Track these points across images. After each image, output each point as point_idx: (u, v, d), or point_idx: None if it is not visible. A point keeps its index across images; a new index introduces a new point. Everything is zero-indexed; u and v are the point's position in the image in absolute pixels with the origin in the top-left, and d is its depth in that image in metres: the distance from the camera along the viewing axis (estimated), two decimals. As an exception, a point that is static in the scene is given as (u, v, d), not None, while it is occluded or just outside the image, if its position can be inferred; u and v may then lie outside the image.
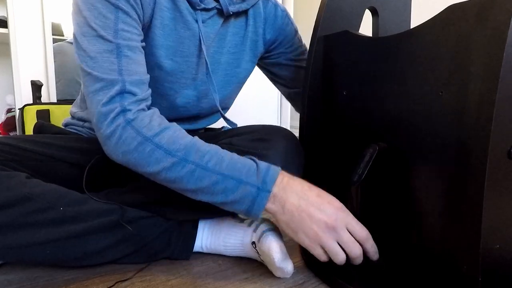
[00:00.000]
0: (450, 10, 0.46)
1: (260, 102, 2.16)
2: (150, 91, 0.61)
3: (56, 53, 1.65)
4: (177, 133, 0.56)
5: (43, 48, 1.63)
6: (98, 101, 0.56)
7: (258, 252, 0.61)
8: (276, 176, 0.54)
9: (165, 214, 0.65)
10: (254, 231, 0.63)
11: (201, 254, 0.68)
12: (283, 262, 0.57)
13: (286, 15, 0.87)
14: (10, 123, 1.71)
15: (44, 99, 1.55)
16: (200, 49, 0.72)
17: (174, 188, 0.57)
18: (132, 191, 0.66)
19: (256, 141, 0.65)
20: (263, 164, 0.55)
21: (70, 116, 0.85)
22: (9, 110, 1.80)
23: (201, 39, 0.70)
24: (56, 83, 1.62)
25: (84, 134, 0.79)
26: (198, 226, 0.67)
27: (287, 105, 2.32)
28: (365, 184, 0.56)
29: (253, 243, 0.61)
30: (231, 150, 0.60)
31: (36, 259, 0.57)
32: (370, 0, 0.71)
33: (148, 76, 0.62)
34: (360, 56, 0.59)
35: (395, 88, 0.54)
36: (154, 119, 0.57)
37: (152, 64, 0.68)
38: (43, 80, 1.58)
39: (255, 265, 0.64)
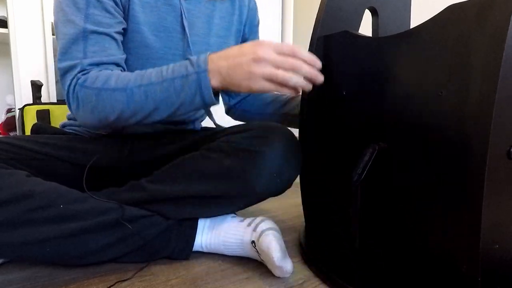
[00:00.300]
0: (450, 10, 0.46)
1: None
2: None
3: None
4: (122, 75, 0.61)
5: (43, 48, 1.64)
6: (63, 83, 0.63)
7: (257, 251, 0.61)
8: (206, 58, 0.58)
9: (165, 213, 0.65)
10: (254, 230, 0.63)
11: (201, 254, 0.68)
12: (283, 261, 0.57)
13: (257, 8, 0.90)
14: (10, 123, 1.71)
15: (44, 99, 1.55)
16: (183, 25, 0.73)
17: (143, 118, 0.60)
18: (131, 190, 0.66)
19: (253, 138, 0.64)
20: (193, 57, 0.59)
21: (66, 119, 0.84)
22: (9, 110, 1.80)
23: (183, 14, 0.72)
24: (56, 82, 1.62)
25: (82, 133, 0.79)
26: (198, 225, 0.67)
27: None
28: (365, 183, 0.56)
29: (253, 242, 0.62)
30: (228, 147, 0.62)
31: (36, 257, 0.57)
32: (370, 0, 0.71)
33: (114, 59, 0.65)
34: (359, 56, 0.59)
35: (395, 88, 0.54)
36: (101, 73, 0.61)
37: (139, 42, 0.70)
38: (43, 80, 1.58)
39: (255, 264, 0.64)
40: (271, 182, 0.63)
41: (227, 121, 0.91)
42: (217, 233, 0.66)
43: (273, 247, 0.57)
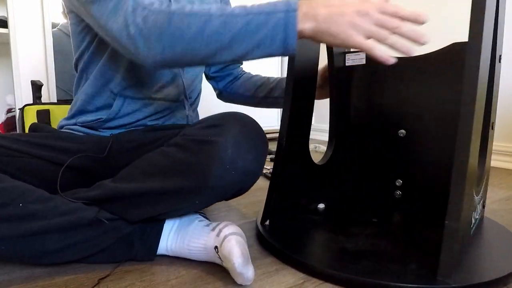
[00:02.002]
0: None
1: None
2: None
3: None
4: (196, 6, 0.57)
5: (43, 48, 1.64)
6: (116, 11, 0.58)
7: (220, 258, 0.58)
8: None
9: (125, 213, 0.63)
10: (217, 235, 0.60)
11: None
12: (244, 267, 0.54)
13: None
14: (10, 123, 1.71)
15: (44, 99, 1.55)
16: None
17: (214, 52, 0.56)
18: (95, 189, 0.65)
19: (207, 128, 0.61)
20: None
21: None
22: (9, 110, 1.80)
23: None
24: (56, 82, 1.62)
25: (76, 131, 0.79)
26: (164, 228, 0.65)
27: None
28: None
29: (216, 247, 0.59)
30: (183, 140, 0.60)
31: None
32: None
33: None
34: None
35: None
36: (165, 2, 0.57)
37: None
38: (43, 80, 1.58)
39: (255, 264, 0.64)
40: (225, 174, 0.57)
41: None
42: (182, 237, 0.64)
43: (235, 252, 0.54)
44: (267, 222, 0.78)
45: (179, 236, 0.64)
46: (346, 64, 0.88)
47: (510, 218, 0.89)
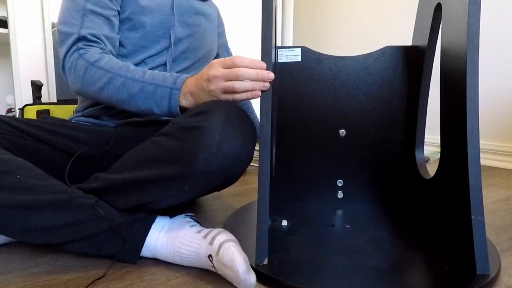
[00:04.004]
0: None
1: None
2: (108, 48, 0.79)
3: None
4: (114, 60, 0.74)
5: (43, 48, 1.64)
6: (61, 51, 0.77)
7: (214, 266, 0.58)
8: (184, 79, 0.69)
9: (115, 202, 0.64)
10: (210, 243, 0.59)
11: (201, 254, 0.67)
12: (247, 274, 0.54)
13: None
14: (10, 123, 1.71)
15: (44, 99, 1.55)
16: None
17: (116, 103, 0.73)
18: (90, 181, 0.67)
19: (194, 115, 0.62)
20: (175, 73, 0.71)
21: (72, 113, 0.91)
22: (9, 110, 1.80)
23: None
24: (56, 82, 1.62)
25: (83, 122, 0.84)
26: (154, 229, 0.64)
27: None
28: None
29: (210, 256, 0.58)
30: (172, 128, 0.63)
31: None
32: None
33: (109, 36, 0.79)
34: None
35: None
36: (104, 55, 0.74)
37: (135, 21, 0.83)
38: (43, 80, 1.58)
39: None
40: (212, 158, 0.57)
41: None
42: (172, 243, 0.63)
43: (237, 260, 0.54)
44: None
45: (169, 241, 0.63)
46: (279, 61, 0.85)
47: (510, 218, 0.90)
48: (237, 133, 0.60)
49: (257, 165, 0.63)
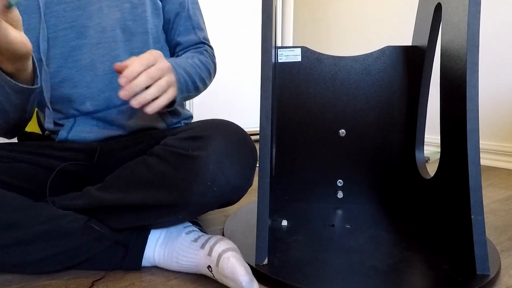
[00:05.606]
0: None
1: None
2: None
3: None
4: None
5: (43, 48, 1.63)
6: None
7: (214, 277, 0.56)
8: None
9: (109, 222, 0.62)
10: (209, 254, 0.55)
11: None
12: (250, 284, 0.51)
13: None
14: (10, 123, 1.71)
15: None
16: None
17: None
18: (81, 196, 0.63)
19: (188, 140, 0.58)
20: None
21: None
22: None
23: None
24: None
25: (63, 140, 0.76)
26: (150, 240, 0.62)
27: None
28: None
29: (209, 267, 0.55)
30: (163, 151, 0.58)
31: None
32: None
33: None
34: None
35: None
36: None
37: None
38: (43, 80, 1.58)
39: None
40: (207, 191, 0.55)
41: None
42: (169, 253, 0.61)
43: (239, 271, 0.51)
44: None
45: (166, 251, 0.61)
46: (279, 61, 0.85)
47: (510, 218, 0.89)
48: (233, 161, 0.57)
49: (257, 166, 0.63)
